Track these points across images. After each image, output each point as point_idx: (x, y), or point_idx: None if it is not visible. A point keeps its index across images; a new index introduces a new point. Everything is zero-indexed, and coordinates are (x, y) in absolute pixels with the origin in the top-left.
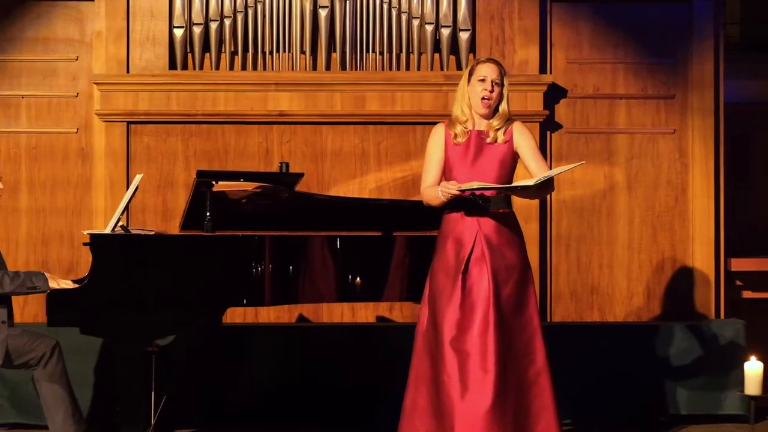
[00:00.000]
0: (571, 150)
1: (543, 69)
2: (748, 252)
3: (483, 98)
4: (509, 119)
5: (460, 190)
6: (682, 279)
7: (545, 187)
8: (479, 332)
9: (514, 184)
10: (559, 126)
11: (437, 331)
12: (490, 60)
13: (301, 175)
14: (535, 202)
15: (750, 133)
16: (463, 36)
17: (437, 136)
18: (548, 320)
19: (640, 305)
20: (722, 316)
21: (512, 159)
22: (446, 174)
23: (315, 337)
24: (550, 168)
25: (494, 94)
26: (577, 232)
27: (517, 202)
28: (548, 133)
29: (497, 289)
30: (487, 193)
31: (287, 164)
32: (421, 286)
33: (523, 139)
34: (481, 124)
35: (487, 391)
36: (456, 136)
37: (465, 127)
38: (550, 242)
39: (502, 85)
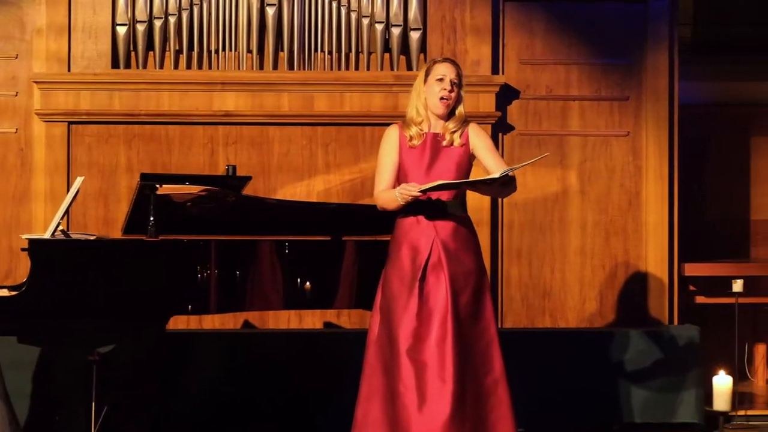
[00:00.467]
0: (523, 152)
1: (495, 69)
2: (701, 256)
3: (441, 98)
4: (465, 121)
5: (421, 191)
6: (636, 284)
7: (509, 184)
8: (437, 341)
9: (479, 178)
10: (511, 128)
11: (392, 341)
12: (448, 60)
13: (249, 178)
14: (487, 205)
15: (702, 136)
16: (414, 36)
17: (391, 137)
18: (499, 326)
19: (593, 311)
20: (676, 322)
21: (468, 162)
22: (401, 178)
23: (261, 344)
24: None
25: (453, 94)
26: (529, 236)
27: (467, 205)
28: (500, 135)
29: (455, 296)
30: (444, 197)
31: (234, 167)
32: (372, 293)
33: (480, 140)
34: (437, 126)
35: (446, 402)
36: (411, 138)
37: (420, 129)
38: (501, 246)
39: (460, 85)
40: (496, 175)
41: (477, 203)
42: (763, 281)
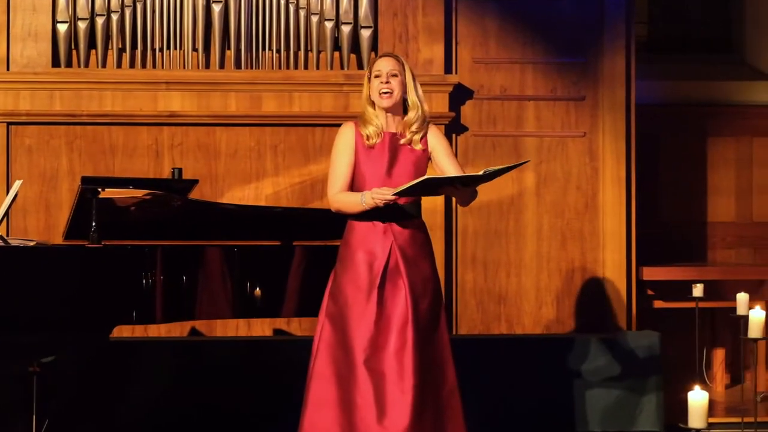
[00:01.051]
0: (477, 154)
1: (448, 68)
2: (657, 260)
3: (381, 92)
4: (426, 121)
5: (396, 194)
6: (593, 288)
7: (474, 190)
8: (396, 350)
9: (462, 175)
10: (465, 129)
11: (348, 350)
12: (384, 55)
13: (195, 181)
14: (440, 208)
15: (657, 136)
16: (365, 33)
17: (346, 136)
18: (453, 332)
19: (550, 316)
20: (634, 327)
21: (426, 165)
22: (357, 180)
23: (208, 352)
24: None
25: (393, 85)
26: (483, 239)
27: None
28: (454, 136)
29: (415, 303)
30: (401, 201)
31: (180, 170)
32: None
33: (439, 143)
34: (392, 125)
35: (405, 413)
36: (368, 137)
37: (377, 127)
38: (456, 251)
39: (400, 76)
40: (480, 173)
41: (431, 206)
42: (722, 285)
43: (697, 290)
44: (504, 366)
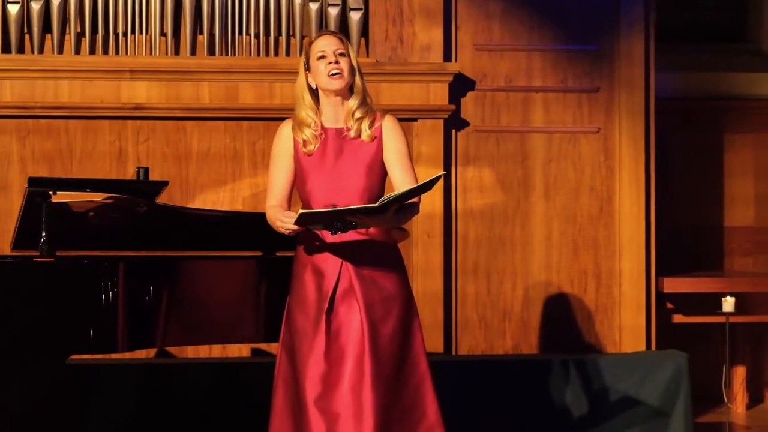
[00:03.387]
0: (480, 152)
1: (448, 56)
2: (671, 269)
3: (331, 73)
4: (370, 107)
5: (296, 223)
6: (608, 302)
7: (407, 209)
8: (351, 387)
9: (354, 207)
10: (466, 123)
11: (299, 387)
12: (324, 33)
13: (165, 183)
14: (439, 212)
15: (668, 132)
16: (354, 16)
17: (283, 138)
18: (453, 352)
19: (560, 333)
20: (653, 345)
21: (381, 162)
22: (299, 182)
23: (179, 375)
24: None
25: (343, 65)
26: (486, 248)
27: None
28: (453, 131)
29: (373, 328)
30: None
31: (146, 170)
32: None
33: (392, 138)
34: (338, 119)
35: None
36: (305, 143)
37: (315, 131)
38: (455, 261)
39: (348, 56)
40: (374, 205)
41: (428, 211)
42: (746, 297)
43: (728, 305)
44: (512, 391)
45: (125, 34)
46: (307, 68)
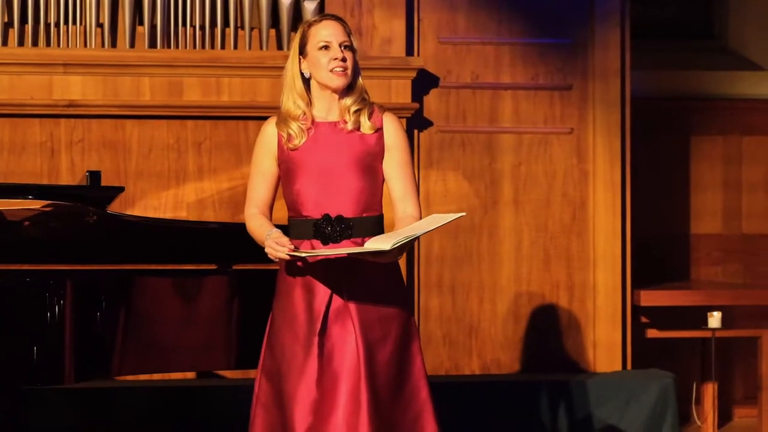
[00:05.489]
0: (444, 154)
1: (410, 50)
2: (641, 281)
3: (335, 69)
4: (369, 101)
5: (291, 255)
6: (582, 316)
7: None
8: (346, 417)
9: (362, 249)
10: (429, 123)
11: (286, 418)
12: (327, 17)
13: (121, 189)
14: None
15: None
16: (309, 6)
17: (267, 137)
18: None
19: (531, 350)
20: (629, 363)
21: (381, 158)
22: (286, 182)
23: (126, 400)
24: (418, 190)
25: (349, 62)
26: (451, 259)
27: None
28: (416, 131)
29: (369, 351)
30: (348, 215)
31: (98, 174)
32: None
33: (396, 139)
34: (332, 112)
35: None
36: (290, 138)
37: (303, 124)
38: (418, 273)
39: (353, 49)
40: (386, 247)
41: (389, 221)
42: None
43: (714, 320)
44: (482, 418)
45: (57, 25)
46: (302, 54)
